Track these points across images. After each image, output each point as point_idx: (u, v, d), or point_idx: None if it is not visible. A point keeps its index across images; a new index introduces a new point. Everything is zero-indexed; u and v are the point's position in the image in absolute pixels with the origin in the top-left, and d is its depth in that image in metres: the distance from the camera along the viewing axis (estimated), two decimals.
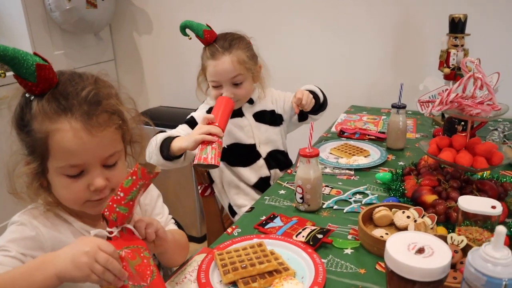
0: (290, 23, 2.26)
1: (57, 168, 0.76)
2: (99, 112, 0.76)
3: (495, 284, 0.55)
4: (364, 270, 0.87)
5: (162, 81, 2.76)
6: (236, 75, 1.34)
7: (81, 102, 0.75)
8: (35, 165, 0.76)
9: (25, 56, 0.70)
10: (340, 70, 2.22)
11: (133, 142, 0.88)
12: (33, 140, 0.75)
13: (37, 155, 0.76)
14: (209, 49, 1.36)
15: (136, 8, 2.66)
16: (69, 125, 0.73)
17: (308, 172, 1.08)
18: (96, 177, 0.78)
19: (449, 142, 1.07)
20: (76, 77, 0.78)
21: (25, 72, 0.70)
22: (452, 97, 0.99)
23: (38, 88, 0.72)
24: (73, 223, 0.85)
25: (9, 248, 0.75)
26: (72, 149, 0.74)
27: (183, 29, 1.38)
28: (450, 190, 1.05)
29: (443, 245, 0.66)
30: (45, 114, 0.73)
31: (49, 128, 0.73)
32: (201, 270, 0.87)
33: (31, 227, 0.79)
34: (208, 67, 1.36)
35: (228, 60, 1.33)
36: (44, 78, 0.72)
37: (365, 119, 1.83)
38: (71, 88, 0.75)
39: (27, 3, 2.19)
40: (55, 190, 0.80)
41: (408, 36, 2.04)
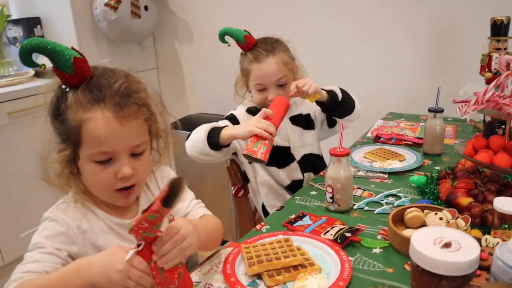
0: (325, 30, 2.26)
1: (88, 154, 0.80)
2: (130, 104, 0.81)
3: None
4: (392, 269, 0.85)
5: (201, 88, 2.83)
6: (281, 77, 1.37)
7: (113, 93, 0.79)
8: (68, 152, 0.81)
9: (64, 49, 0.75)
10: (377, 77, 2.19)
11: (158, 136, 0.92)
12: (67, 128, 0.79)
13: (70, 143, 0.80)
14: (252, 53, 1.39)
15: (178, 18, 2.75)
16: (101, 114, 0.78)
17: (338, 172, 1.07)
18: (123, 166, 0.82)
19: (486, 143, 1.03)
20: (108, 71, 0.83)
21: (63, 64, 0.75)
22: (488, 96, 0.96)
23: (74, 80, 0.77)
24: (100, 215, 0.88)
25: (44, 244, 0.79)
26: (103, 136, 0.78)
27: (222, 36, 1.41)
28: (487, 193, 1.01)
29: (471, 240, 0.64)
30: (79, 104, 0.78)
31: (82, 117, 0.78)
32: (227, 262, 0.88)
33: (62, 223, 0.83)
34: (252, 70, 1.38)
35: (273, 62, 1.36)
36: (80, 70, 0.77)
37: (403, 125, 1.79)
38: (104, 81, 0.80)
39: (77, 14, 2.32)
40: (85, 176, 0.84)
41: (448, 40, 1.99)
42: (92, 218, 0.88)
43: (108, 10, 2.32)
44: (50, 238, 0.81)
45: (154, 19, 2.61)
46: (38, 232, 0.83)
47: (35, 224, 2.31)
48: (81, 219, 0.86)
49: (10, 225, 2.04)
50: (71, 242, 0.83)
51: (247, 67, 1.40)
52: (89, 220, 0.87)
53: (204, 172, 2.42)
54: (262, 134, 1.16)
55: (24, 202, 2.08)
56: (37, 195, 2.11)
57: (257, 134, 1.16)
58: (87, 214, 0.88)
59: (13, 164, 2.02)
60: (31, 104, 2.05)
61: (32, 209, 2.10)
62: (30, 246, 0.81)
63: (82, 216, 0.87)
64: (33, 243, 0.81)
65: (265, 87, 1.38)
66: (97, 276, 0.69)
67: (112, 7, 2.32)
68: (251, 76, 1.39)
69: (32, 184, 2.08)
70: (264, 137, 1.16)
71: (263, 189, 1.47)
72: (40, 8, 2.40)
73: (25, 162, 2.05)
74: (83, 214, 0.87)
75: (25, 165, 2.05)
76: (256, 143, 1.16)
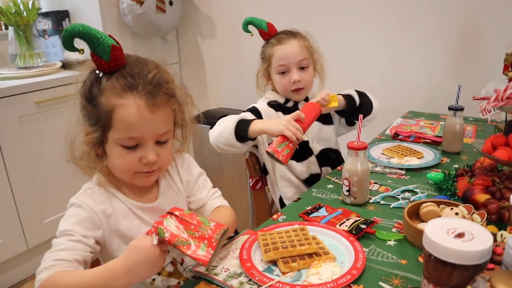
0: (346, 28, 2.27)
1: (116, 139, 0.84)
2: (161, 93, 0.84)
3: None
4: (406, 261, 0.87)
5: (222, 84, 2.86)
6: (303, 58, 1.41)
7: (145, 82, 0.83)
8: (97, 135, 0.84)
9: (104, 37, 0.79)
10: (397, 75, 2.19)
11: (182, 125, 0.95)
12: (99, 112, 0.83)
13: (99, 126, 0.84)
14: (274, 38, 1.44)
15: (201, 13, 2.79)
16: (134, 101, 0.81)
17: (355, 165, 1.09)
18: (149, 151, 0.86)
19: (505, 141, 1.03)
20: (141, 61, 0.87)
21: (102, 51, 0.79)
22: (509, 93, 0.96)
23: (109, 66, 0.81)
24: (122, 199, 0.92)
25: (72, 232, 0.83)
26: (134, 122, 0.82)
27: (246, 25, 1.46)
28: (505, 191, 1.01)
29: (485, 231, 0.65)
30: (113, 89, 0.81)
31: (115, 102, 0.81)
32: (243, 248, 0.91)
33: (87, 208, 0.87)
34: (275, 52, 1.41)
35: (295, 43, 1.41)
36: (116, 57, 0.80)
37: (422, 124, 1.79)
38: (138, 69, 0.83)
39: (104, 8, 2.38)
40: (110, 159, 0.88)
41: (471, 39, 1.97)
42: (115, 202, 0.91)
43: (134, 4, 2.37)
44: (78, 224, 0.85)
45: (178, 14, 2.65)
46: (65, 218, 0.87)
47: (59, 211, 2.39)
48: (105, 203, 0.90)
49: (34, 211, 2.11)
50: (96, 227, 0.87)
51: (269, 51, 1.43)
52: (112, 204, 0.91)
53: (223, 165, 2.45)
54: (291, 138, 1.20)
55: (48, 189, 2.16)
56: (61, 182, 2.18)
57: (285, 136, 1.20)
58: (111, 198, 0.91)
59: (39, 152, 2.09)
60: (58, 94, 2.11)
61: (56, 196, 2.19)
62: (58, 233, 0.84)
63: (107, 201, 0.90)
64: (62, 230, 0.84)
65: (288, 68, 1.41)
66: (146, 271, 0.77)
67: (138, 1, 2.37)
68: (274, 58, 1.42)
69: (56, 172, 2.16)
70: (291, 140, 1.20)
71: (281, 182, 1.49)
72: (69, 2, 2.47)
73: (50, 150, 2.12)
74: (107, 198, 0.91)
75: (50, 153, 2.13)
76: (281, 144, 1.20)
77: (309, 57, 1.42)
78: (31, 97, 2.04)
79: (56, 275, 0.77)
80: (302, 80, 1.41)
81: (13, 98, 1.97)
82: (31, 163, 2.07)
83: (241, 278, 0.83)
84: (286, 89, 1.43)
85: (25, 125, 2.02)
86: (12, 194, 2.00)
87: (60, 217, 0.85)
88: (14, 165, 1.99)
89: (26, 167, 2.05)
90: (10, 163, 1.98)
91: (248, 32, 1.47)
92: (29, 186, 2.07)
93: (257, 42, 1.51)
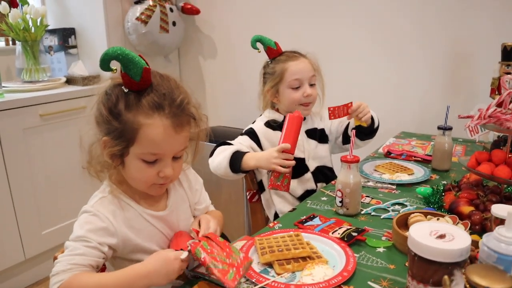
0: (344, 54, 2.36)
1: (138, 153, 0.89)
2: (184, 115, 0.90)
3: (505, 260, 0.60)
4: (394, 266, 0.92)
5: (221, 102, 2.94)
6: (313, 75, 1.50)
7: (171, 104, 0.88)
8: (119, 148, 0.88)
9: (138, 59, 0.83)
10: (391, 97, 2.27)
11: (196, 140, 1.02)
12: (124, 128, 0.86)
13: (123, 140, 0.87)
14: (283, 55, 1.52)
15: (203, 34, 2.89)
16: (161, 122, 0.86)
17: (348, 177, 1.15)
18: (167, 167, 0.91)
19: (488, 157, 1.10)
20: (165, 80, 0.91)
21: (134, 73, 0.83)
22: (490, 112, 1.03)
23: (138, 86, 0.85)
24: (136, 207, 0.96)
25: (88, 238, 0.87)
26: (158, 141, 0.87)
27: (254, 42, 1.53)
28: (488, 203, 1.07)
29: (464, 233, 0.71)
30: (141, 108, 0.85)
31: (142, 121, 0.86)
32: (241, 251, 0.96)
33: (103, 217, 0.91)
34: (289, 67, 1.48)
35: (306, 60, 1.51)
36: (145, 79, 0.85)
37: (414, 143, 1.86)
38: (164, 90, 0.88)
39: (109, 26, 2.47)
40: (129, 170, 0.92)
41: (461, 64, 2.07)
42: (128, 210, 0.95)
43: (139, 23, 2.47)
44: (93, 232, 0.88)
45: (180, 34, 2.75)
46: (80, 224, 0.90)
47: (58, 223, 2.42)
48: (119, 211, 0.94)
49: (34, 222, 2.15)
50: (111, 236, 0.91)
51: (282, 67, 1.50)
52: (126, 212, 0.95)
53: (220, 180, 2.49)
54: (281, 171, 1.28)
55: (49, 201, 2.20)
56: (62, 194, 2.23)
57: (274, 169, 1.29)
58: (124, 206, 0.95)
59: (41, 163, 2.14)
60: (62, 108, 2.19)
61: (56, 208, 2.23)
62: (74, 238, 0.88)
63: (120, 209, 0.94)
64: (77, 235, 0.87)
65: (301, 83, 1.49)
66: (160, 279, 0.84)
67: (143, 21, 2.47)
68: (288, 73, 1.48)
69: (58, 183, 2.20)
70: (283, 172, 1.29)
71: (276, 198, 1.55)
72: (76, 20, 2.56)
73: (53, 162, 2.18)
74: (121, 207, 0.94)
75: (53, 164, 2.18)
76: (278, 178, 1.30)
77: (316, 74, 1.52)
78: (36, 110, 2.10)
79: (77, 277, 0.81)
80: (311, 96, 1.49)
81: (18, 110, 2.03)
82: (33, 174, 2.11)
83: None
84: (297, 102, 1.49)
85: (29, 137, 2.08)
86: (12, 204, 2.04)
87: (60, 229, 0.89)
88: (16, 176, 2.04)
89: (28, 177, 2.10)
90: (12, 174, 2.02)
91: (256, 48, 1.54)
92: (30, 197, 2.12)
93: (255, 62, 1.59)
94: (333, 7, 2.34)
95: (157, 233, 0.98)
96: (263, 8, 2.59)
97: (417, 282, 0.71)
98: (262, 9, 2.59)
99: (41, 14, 2.30)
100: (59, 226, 2.23)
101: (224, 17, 2.76)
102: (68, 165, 2.21)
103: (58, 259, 0.86)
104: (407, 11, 2.14)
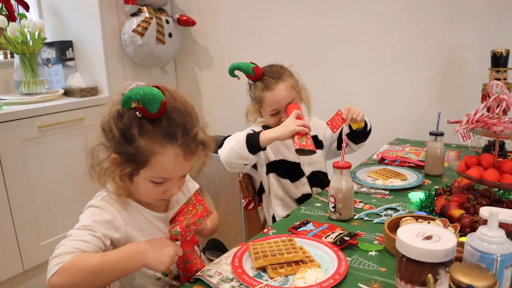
0: (338, 61, 2.40)
1: (149, 176, 0.92)
2: (195, 144, 0.93)
3: (487, 259, 0.61)
4: (385, 269, 0.94)
5: (217, 113, 2.97)
6: (292, 100, 1.50)
7: (183, 134, 0.90)
8: (129, 169, 0.91)
9: (158, 96, 0.84)
10: (385, 104, 2.30)
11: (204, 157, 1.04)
12: (136, 153, 0.89)
13: (134, 163, 0.90)
14: (261, 82, 1.50)
15: (199, 46, 2.93)
16: (173, 151, 0.89)
17: (340, 183, 1.17)
18: (174, 186, 0.96)
19: (477, 161, 1.12)
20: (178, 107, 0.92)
21: (153, 108, 0.85)
22: (478, 116, 1.05)
23: (153, 116, 0.87)
24: (141, 210, 1.00)
25: (94, 228, 0.90)
26: (170, 168, 0.91)
27: (232, 71, 1.52)
28: (478, 206, 1.09)
29: (450, 234, 0.73)
30: (154, 136, 0.88)
31: (156, 149, 0.88)
32: (235, 256, 0.98)
33: (109, 212, 0.94)
34: (265, 98, 1.50)
35: (283, 87, 1.48)
36: (161, 110, 0.87)
37: (407, 150, 1.88)
38: (178, 120, 0.90)
39: (106, 39, 2.50)
40: (137, 187, 0.95)
41: (452, 71, 2.10)
42: (132, 210, 0.99)
43: (135, 35, 2.50)
44: (98, 224, 0.91)
45: (177, 46, 2.78)
46: (86, 216, 0.92)
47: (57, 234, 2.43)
48: (123, 210, 0.97)
49: (32, 233, 2.16)
50: (115, 230, 0.94)
51: (259, 95, 1.51)
52: (130, 211, 0.98)
53: (218, 191, 2.52)
54: (304, 131, 1.33)
55: (48, 212, 2.21)
56: (60, 205, 2.24)
57: (299, 132, 1.32)
58: (128, 206, 0.98)
59: (39, 175, 2.16)
60: (60, 120, 2.21)
61: (55, 219, 2.24)
62: (79, 226, 0.90)
63: (124, 209, 0.97)
64: (83, 224, 0.90)
65: (279, 110, 1.51)
66: (153, 260, 0.87)
67: (139, 33, 2.50)
68: (265, 103, 1.51)
69: (56, 195, 2.22)
70: (305, 132, 1.33)
71: (274, 200, 1.57)
72: (73, 32, 2.59)
73: (51, 173, 2.19)
74: (124, 207, 0.98)
75: (51, 176, 2.20)
76: (301, 138, 1.33)
77: (296, 95, 1.52)
78: (34, 122, 2.12)
79: (78, 257, 0.83)
80: None
81: (16, 122, 2.06)
82: (31, 185, 2.13)
83: (232, 282, 0.89)
84: (278, 124, 1.51)
85: (27, 149, 2.10)
86: (11, 215, 2.05)
87: (58, 240, 0.88)
88: (15, 187, 2.06)
89: (26, 189, 2.11)
90: (11, 185, 2.04)
91: (235, 77, 1.55)
92: (28, 208, 2.13)
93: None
94: (326, 16, 2.38)
95: (158, 233, 1.00)
96: (257, 19, 2.63)
97: (405, 283, 0.73)
98: (256, 19, 2.63)
99: (39, 28, 2.33)
100: (57, 237, 2.24)
101: (220, 28, 2.80)
102: (66, 176, 2.23)
103: (61, 243, 0.87)
104: (400, 19, 2.18)
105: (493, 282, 0.59)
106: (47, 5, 2.64)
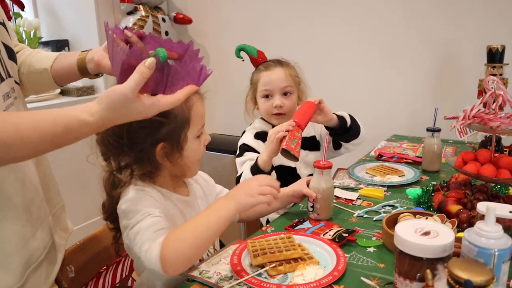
0: (335, 58, 2.40)
1: (194, 133, 0.98)
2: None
3: (485, 254, 0.62)
4: (384, 265, 0.94)
5: (215, 111, 2.97)
6: (287, 85, 1.49)
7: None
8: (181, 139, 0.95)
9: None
10: (382, 101, 2.31)
11: None
12: (176, 119, 0.93)
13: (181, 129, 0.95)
14: (262, 64, 1.53)
15: (196, 43, 2.91)
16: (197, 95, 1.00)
17: (319, 183, 1.16)
18: (205, 132, 1.04)
19: (474, 156, 1.12)
20: None
21: None
22: (474, 112, 1.06)
23: None
24: (169, 195, 1.02)
25: (151, 211, 0.90)
26: (203, 112, 1.01)
27: (238, 51, 1.54)
28: (475, 202, 1.09)
29: (447, 229, 0.73)
30: None
31: (188, 103, 0.96)
32: (234, 254, 0.98)
33: (151, 193, 0.96)
34: (261, 78, 1.51)
35: (281, 70, 1.50)
36: None
37: (405, 146, 1.89)
38: None
39: (102, 37, 2.49)
40: (188, 156, 0.99)
41: (449, 67, 2.11)
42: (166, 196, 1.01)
43: None
44: (151, 206, 0.91)
45: None
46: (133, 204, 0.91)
47: None
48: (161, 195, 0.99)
49: None
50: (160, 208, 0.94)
51: (256, 76, 1.53)
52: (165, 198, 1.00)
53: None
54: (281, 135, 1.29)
55: None
56: None
57: (282, 137, 1.29)
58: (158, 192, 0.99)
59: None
60: None
61: None
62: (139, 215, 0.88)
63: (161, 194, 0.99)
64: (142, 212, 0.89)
65: (271, 93, 1.50)
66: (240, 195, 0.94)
67: None
68: (259, 83, 1.51)
69: None
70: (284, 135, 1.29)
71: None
72: (69, 31, 2.59)
73: None
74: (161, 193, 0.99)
75: None
76: (292, 141, 1.29)
77: (294, 85, 1.51)
78: None
79: (170, 233, 0.85)
80: (284, 106, 1.49)
81: None
82: None
83: (231, 281, 0.90)
84: (268, 112, 1.52)
85: None
86: None
87: None
88: None
89: None
90: None
91: (240, 57, 1.56)
92: None
93: (248, 70, 1.62)
94: (323, 14, 2.38)
95: (180, 218, 1.02)
96: (253, 16, 2.63)
97: (404, 278, 0.73)
98: (253, 17, 2.63)
99: (35, 27, 2.33)
100: None
101: (216, 26, 2.80)
102: (63, 175, 2.22)
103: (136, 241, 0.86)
104: (397, 16, 2.18)
105: (491, 276, 0.59)
106: (42, 4, 2.64)
